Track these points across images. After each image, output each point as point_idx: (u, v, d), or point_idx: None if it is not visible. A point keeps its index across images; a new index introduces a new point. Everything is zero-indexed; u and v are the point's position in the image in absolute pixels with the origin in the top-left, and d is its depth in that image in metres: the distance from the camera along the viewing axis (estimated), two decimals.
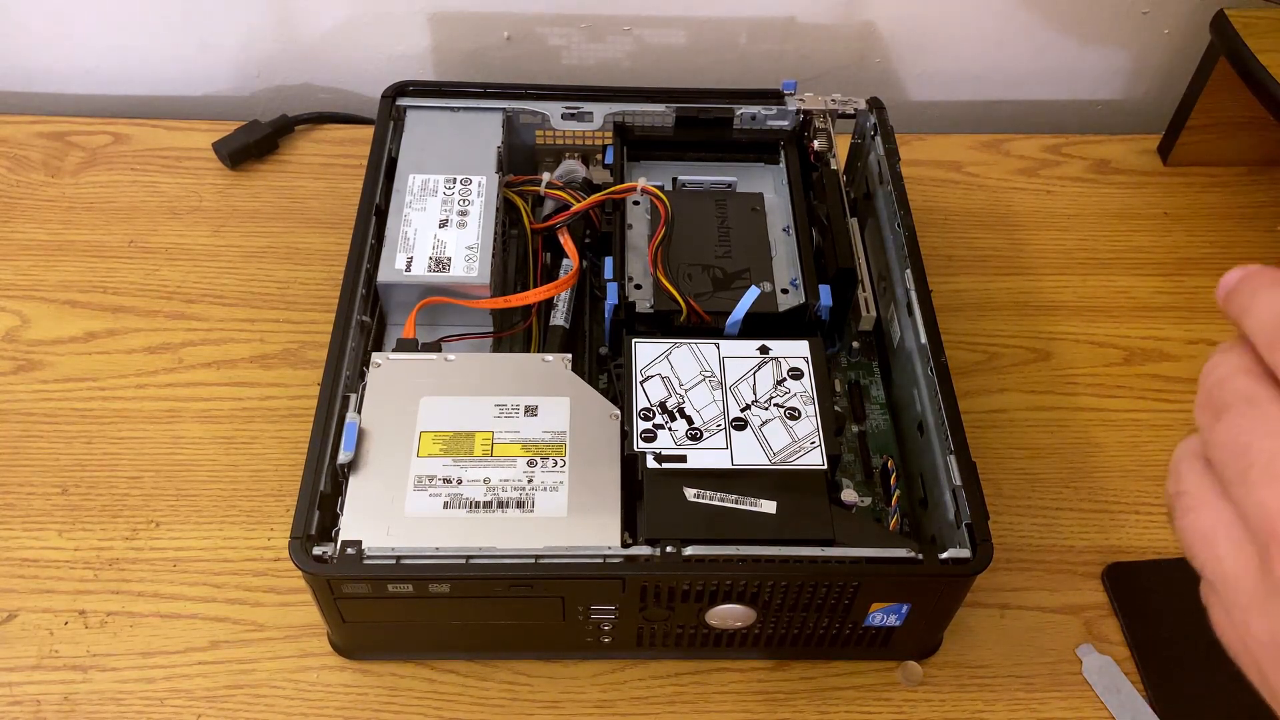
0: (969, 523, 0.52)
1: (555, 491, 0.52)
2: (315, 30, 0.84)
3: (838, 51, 0.86)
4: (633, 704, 0.56)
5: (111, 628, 0.57)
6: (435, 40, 0.85)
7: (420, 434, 0.54)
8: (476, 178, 0.66)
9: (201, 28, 0.83)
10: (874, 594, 0.52)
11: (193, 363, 0.69)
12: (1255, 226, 0.80)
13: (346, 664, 0.57)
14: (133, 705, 0.55)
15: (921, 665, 0.58)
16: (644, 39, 0.85)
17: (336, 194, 0.79)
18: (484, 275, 0.61)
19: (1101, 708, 0.57)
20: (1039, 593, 0.61)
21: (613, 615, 0.53)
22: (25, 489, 0.62)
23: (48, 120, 0.82)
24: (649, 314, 0.60)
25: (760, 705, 0.56)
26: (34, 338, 0.69)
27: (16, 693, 0.55)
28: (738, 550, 0.50)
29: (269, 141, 0.81)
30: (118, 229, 0.76)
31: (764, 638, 0.55)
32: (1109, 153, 0.85)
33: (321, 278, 0.73)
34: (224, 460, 0.64)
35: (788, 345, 0.58)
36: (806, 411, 0.56)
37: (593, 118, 0.71)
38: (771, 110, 0.71)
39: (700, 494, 0.52)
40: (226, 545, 0.61)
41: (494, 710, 0.55)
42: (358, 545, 0.49)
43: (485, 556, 0.49)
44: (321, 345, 0.58)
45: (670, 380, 0.57)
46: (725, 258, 0.63)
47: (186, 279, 0.73)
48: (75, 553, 0.60)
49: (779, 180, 0.70)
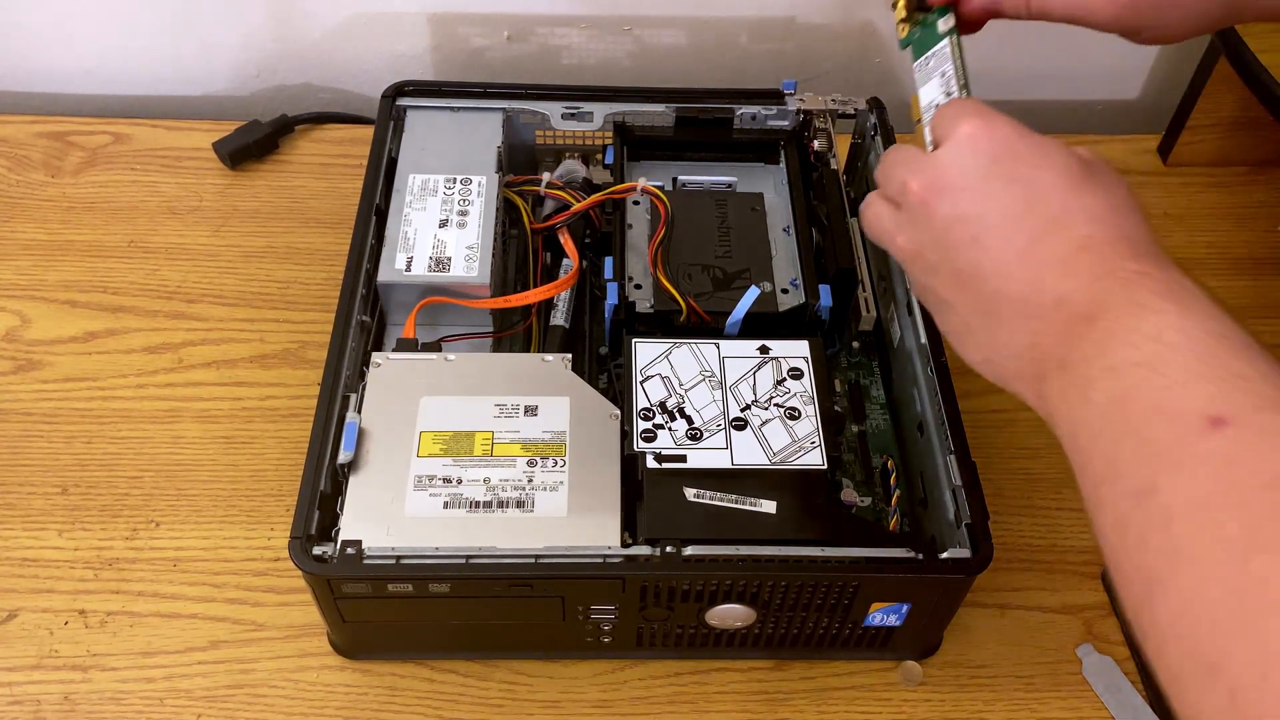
0: (969, 523, 0.52)
1: (555, 491, 0.52)
2: (315, 30, 0.84)
3: (838, 51, 0.86)
4: (633, 704, 0.56)
5: (111, 627, 0.57)
6: (435, 40, 0.85)
7: (420, 434, 0.54)
8: (476, 178, 0.66)
9: (201, 28, 0.83)
10: (874, 594, 0.52)
11: (193, 363, 0.69)
12: (1255, 226, 0.80)
13: (346, 664, 0.57)
14: (133, 705, 0.55)
15: (921, 665, 0.58)
16: (644, 39, 0.85)
17: (336, 194, 0.79)
18: (484, 275, 0.61)
19: (1101, 707, 0.57)
20: (1039, 593, 0.61)
21: (613, 615, 0.53)
22: (25, 489, 0.62)
23: (48, 120, 0.82)
24: (649, 314, 0.60)
25: (760, 705, 0.56)
26: (34, 338, 0.69)
27: (16, 692, 0.55)
28: (738, 550, 0.50)
29: (269, 141, 0.81)
30: (118, 229, 0.76)
31: (764, 638, 0.55)
32: (1109, 153, 0.85)
33: (321, 278, 0.73)
34: (224, 460, 0.64)
35: (788, 345, 0.58)
36: (806, 411, 0.56)
37: (593, 118, 0.71)
38: (771, 110, 0.71)
39: (700, 494, 0.52)
40: (226, 545, 0.61)
41: (494, 710, 0.55)
42: (358, 545, 0.49)
43: (485, 556, 0.50)
44: (321, 345, 0.58)
45: (670, 380, 0.57)
46: (725, 258, 0.63)
47: (186, 279, 0.73)
48: (75, 552, 0.60)
49: (779, 180, 0.70)
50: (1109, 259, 0.39)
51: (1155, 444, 0.35)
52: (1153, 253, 0.40)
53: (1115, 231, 0.40)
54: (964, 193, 0.42)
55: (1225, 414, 0.34)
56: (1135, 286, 0.38)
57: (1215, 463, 0.34)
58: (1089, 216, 0.41)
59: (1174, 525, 0.34)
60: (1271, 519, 0.32)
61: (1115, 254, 0.40)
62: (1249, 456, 0.33)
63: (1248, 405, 0.34)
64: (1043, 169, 0.41)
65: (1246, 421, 0.34)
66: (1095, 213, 0.41)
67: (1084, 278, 0.39)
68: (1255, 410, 0.34)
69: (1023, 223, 0.41)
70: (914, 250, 0.44)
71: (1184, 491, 0.34)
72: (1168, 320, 0.37)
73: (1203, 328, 0.36)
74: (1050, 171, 0.41)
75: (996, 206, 0.41)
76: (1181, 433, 0.35)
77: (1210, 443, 0.34)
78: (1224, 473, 0.33)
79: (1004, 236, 0.41)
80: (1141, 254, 0.40)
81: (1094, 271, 0.39)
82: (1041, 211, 0.41)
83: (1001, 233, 0.41)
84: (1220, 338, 0.36)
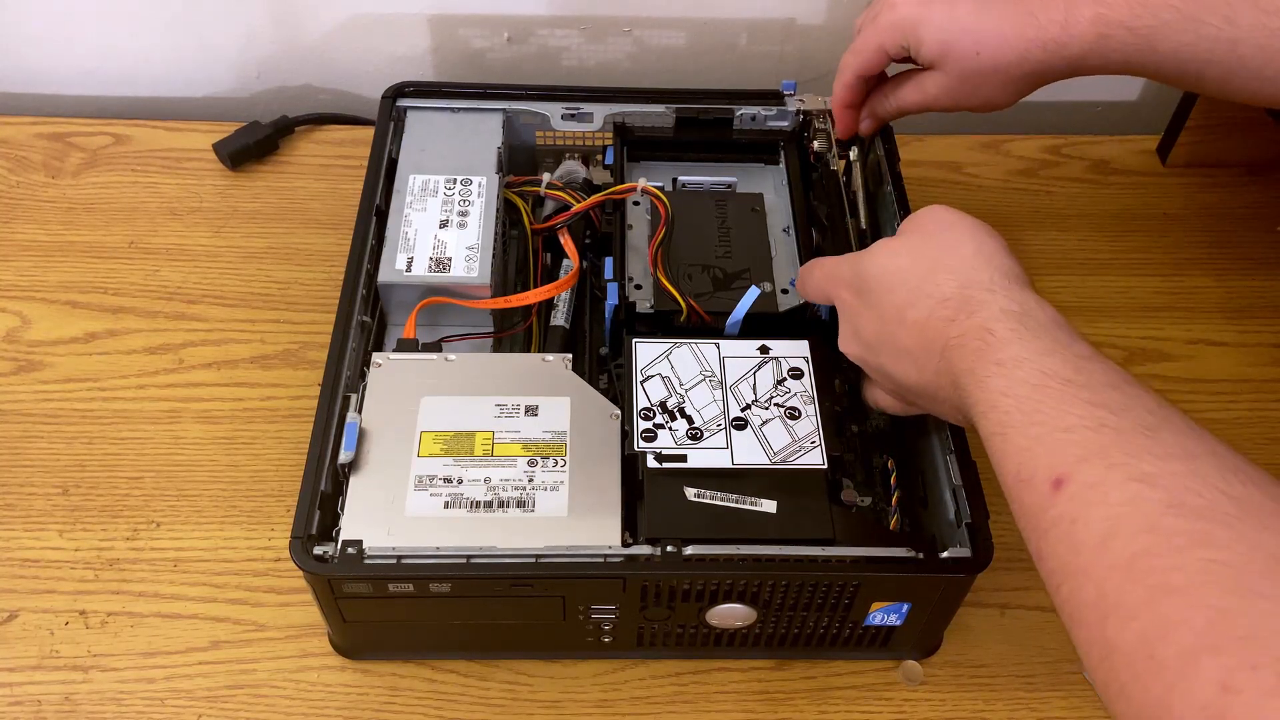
0: (969, 522, 0.52)
1: (556, 491, 0.52)
2: (315, 31, 0.84)
3: (838, 52, 0.86)
4: (633, 704, 0.56)
5: (112, 628, 0.57)
6: (435, 41, 0.85)
7: (421, 434, 0.54)
8: (477, 178, 0.66)
9: (201, 28, 0.83)
10: (874, 593, 0.52)
11: (193, 363, 0.69)
12: (1254, 226, 0.80)
13: (347, 664, 0.57)
14: (133, 705, 0.55)
15: (922, 665, 0.58)
16: (644, 40, 0.85)
17: (337, 195, 0.79)
18: (484, 275, 0.61)
19: (1101, 707, 0.57)
20: (1039, 592, 0.61)
21: (613, 615, 0.53)
22: (26, 489, 0.62)
23: (48, 121, 0.82)
24: (649, 314, 0.60)
25: (760, 705, 0.56)
26: (34, 338, 0.69)
27: (17, 693, 0.55)
28: (738, 550, 0.50)
29: (269, 142, 0.81)
30: (118, 230, 0.76)
31: (764, 637, 0.55)
32: (1108, 153, 0.85)
33: (322, 278, 0.73)
34: (224, 460, 0.64)
35: (788, 345, 0.58)
36: (807, 411, 0.56)
37: (593, 118, 0.71)
38: (771, 111, 0.71)
39: (701, 494, 0.52)
40: (227, 545, 0.61)
41: (494, 710, 0.55)
42: (358, 545, 0.49)
43: (486, 556, 0.50)
44: (322, 346, 0.58)
45: (670, 380, 0.57)
46: (725, 258, 0.63)
47: (187, 280, 0.73)
48: (76, 553, 0.60)
49: (779, 180, 0.70)
50: (938, 331, 0.46)
51: (1028, 511, 0.40)
52: (967, 305, 0.45)
53: (935, 300, 0.46)
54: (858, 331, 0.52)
55: (1062, 473, 0.38)
56: (962, 353, 0.44)
57: (1064, 526, 0.37)
58: (918, 305, 0.47)
59: (1060, 591, 0.38)
60: (1108, 581, 0.35)
61: (940, 323, 0.46)
62: (1083, 514, 0.37)
63: (1073, 459, 0.38)
64: (876, 285, 0.50)
65: (1077, 477, 0.37)
66: (923, 298, 0.47)
67: (934, 352, 0.46)
68: (1080, 462, 0.38)
69: (884, 329, 0.50)
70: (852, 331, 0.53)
71: (1054, 558, 0.38)
72: (996, 385, 0.42)
73: (1024, 384, 0.41)
74: (879, 284, 0.50)
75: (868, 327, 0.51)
76: (1038, 499, 0.39)
77: (1058, 506, 0.38)
78: (1071, 536, 0.37)
79: (885, 346, 0.50)
80: (956, 311, 0.45)
81: (937, 346, 0.46)
82: (889, 315, 0.49)
83: (882, 344, 0.50)
84: (1041, 389, 0.40)
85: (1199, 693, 0.31)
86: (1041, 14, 0.55)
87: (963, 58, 0.57)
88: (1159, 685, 0.33)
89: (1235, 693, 0.31)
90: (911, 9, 0.58)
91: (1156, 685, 0.33)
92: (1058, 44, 0.55)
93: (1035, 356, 0.41)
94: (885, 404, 0.55)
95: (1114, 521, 0.36)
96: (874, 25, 0.60)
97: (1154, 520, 0.35)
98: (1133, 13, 0.53)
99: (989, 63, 0.56)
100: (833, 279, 0.53)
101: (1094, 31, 0.54)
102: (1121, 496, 0.36)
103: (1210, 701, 0.31)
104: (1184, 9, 0.52)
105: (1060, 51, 0.55)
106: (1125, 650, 0.34)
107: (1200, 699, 0.31)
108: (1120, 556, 0.35)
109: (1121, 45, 0.54)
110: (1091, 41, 0.54)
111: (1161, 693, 0.33)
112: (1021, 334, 0.43)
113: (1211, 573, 0.33)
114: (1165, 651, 0.33)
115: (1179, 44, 0.53)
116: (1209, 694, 0.31)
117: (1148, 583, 0.34)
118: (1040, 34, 0.55)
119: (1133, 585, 0.34)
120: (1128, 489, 0.36)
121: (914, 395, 0.51)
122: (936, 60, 0.58)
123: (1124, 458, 0.37)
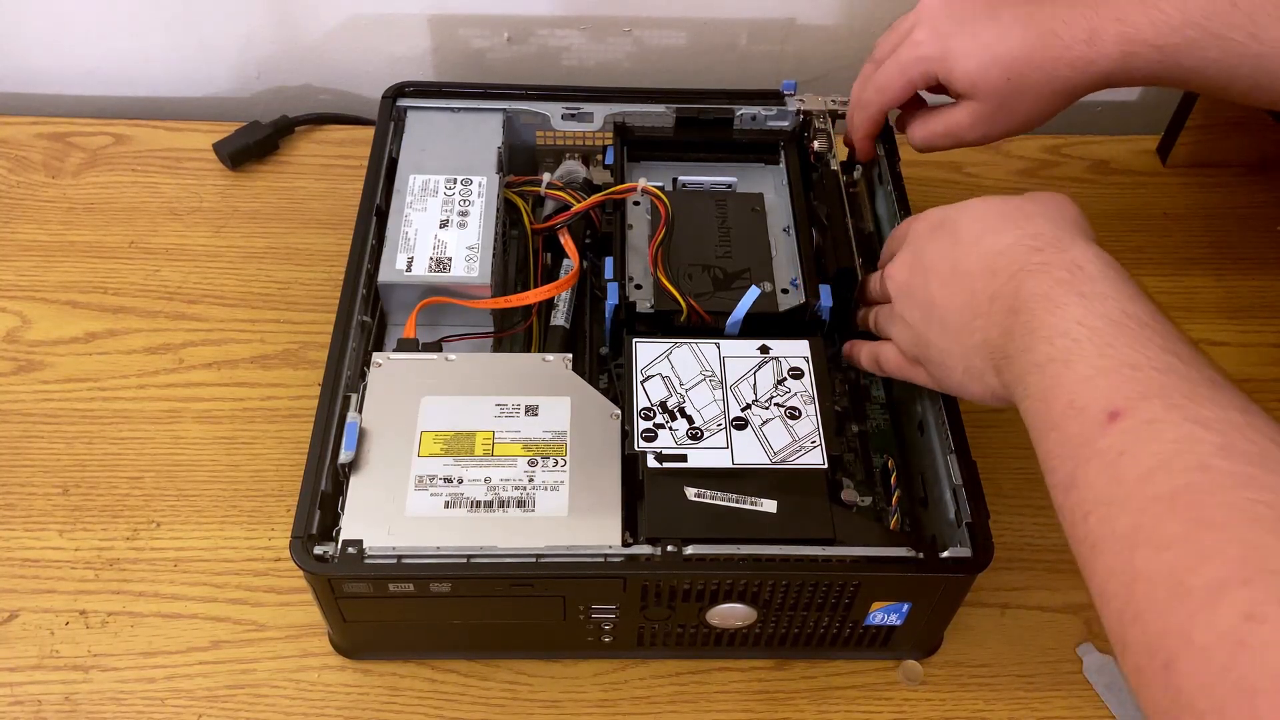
0: (969, 522, 0.52)
1: (556, 491, 0.52)
2: (315, 31, 0.84)
3: (838, 52, 0.87)
4: (633, 703, 0.56)
5: (112, 628, 0.57)
6: (435, 42, 0.85)
7: (421, 434, 0.54)
8: (477, 178, 0.66)
9: (201, 28, 0.84)
10: (874, 593, 0.52)
11: (193, 363, 0.69)
12: (1255, 226, 0.80)
13: (347, 664, 0.57)
14: (134, 705, 0.55)
15: (922, 664, 0.58)
16: (644, 40, 0.85)
17: (337, 195, 0.79)
18: (484, 275, 0.61)
19: (1102, 707, 0.57)
20: (1039, 592, 0.61)
21: (613, 615, 0.53)
22: (26, 489, 0.62)
23: (48, 121, 0.82)
24: (649, 314, 0.60)
25: (761, 704, 0.56)
26: (34, 338, 0.69)
27: (17, 693, 0.55)
28: (738, 550, 0.50)
29: (269, 142, 0.81)
30: (118, 230, 0.76)
31: (764, 637, 0.55)
32: (1108, 153, 0.85)
33: (322, 278, 0.73)
34: (225, 460, 0.64)
35: (788, 345, 0.58)
36: (807, 411, 0.56)
37: (593, 118, 0.71)
38: (771, 111, 0.71)
39: (701, 493, 0.52)
40: (227, 545, 0.61)
41: (495, 710, 0.55)
42: (359, 545, 0.49)
43: (486, 556, 0.50)
44: (322, 345, 0.58)
45: (671, 380, 0.57)
46: (725, 258, 0.63)
47: (187, 279, 0.73)
48: (76, 553, 0.60)
49: (779, 180, 0.70)
50: (1019, 257, 0.46)
51: (1071, 440, 0.40)
52: (1059, 242, 0.45)
53: (1025, 232, 0.47)
54: (920, 256, 0.52)
55: (1120, 407, 0.38)
56: (1042, 278, 0.44)
57: (1110, 457, 0.38)
58: (1005, 233, 0.47)
59: (1089, 520, 0.38)
60: (1146, 512, 0.36)
61: (1025, 250, 0.46)
62: (1134, 448, 0.37)
63: (1135, 395, 0.38)
64: (964, 216, 0.50)
65: (1135, 412, 0.38)
66: (1012, 227, 0.47)
67: (1001, 276, 0.46)
68: (1142, 399, 0.38)
69: (952, 252, 0.50)
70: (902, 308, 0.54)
71: (1091, 487, 0.39)
72: (1072, 314, 0.42)
73: (1104, 318, 0.41)
74: (968, 215, 0.50)
75: (934, 250, 0.51)
76: (1088, 428, 0.39)
77: (1108, 438, 0.38)
78: (1115, 466, 0.38)
79: (942, 268, 0.50)
80: (1046, 245, 0.45)
81: (1009, 270, 0.46)
82: (966, 239, 0.49)
83: (939, 266, 0.50)
84: (1119, 325, 0.41)
85: (1222, 620, 0.32)
86: (1065, 32, 0.55)
87: (994, 85, 0.57)
88: (1181, 612, 0.33)
89: (1259, 621, 0.31)
90: (935, 45, 0.58)
91: (1179, 612, 0.33)
92: (1085, 61, 0.55)
93: (1120, 298, 0.42)
94: (886, 358, 0.56)
95: (1164, 457, 0.36)
96: (898, 62, 0.60)
97: (1204, 460, 0.35)
98: (1157, 31, 0.53)
99: (1019, 85, 0.57)
100: (915, 219, 0.54)
101: (1119, 50, 0.54)
102: (1176, 435, 0.37)
103: (1233, 629, 0.31)
104: (1208, 26, 0.52)
105: (1088, 69, 0.55)
106: (1151, 578, 0.35)
107: (1223, 626, 0.32)
108: (1164, 489, 0.36)
109: (1147, 62, 0.54)
110: (1117, 59, 0.55)
111: (1183, 619, 0.33)
112: (1111, 277, 0.43)
113: (1254, 512, 0.33)
114: (1194, 581, 0.33)
115: (1204, 59, 0.53)
116: (1232, 621, 0.32)
117: (1188, 516, 0.35)
118: (1066, 52, 0.55)
119: (1173, 517, 0.35)
120: (1183, 429, 0.37)
121: (938, 333, 0.50)
122: (968, 91, 0.58)
123: (1184, 400, 0.37)
